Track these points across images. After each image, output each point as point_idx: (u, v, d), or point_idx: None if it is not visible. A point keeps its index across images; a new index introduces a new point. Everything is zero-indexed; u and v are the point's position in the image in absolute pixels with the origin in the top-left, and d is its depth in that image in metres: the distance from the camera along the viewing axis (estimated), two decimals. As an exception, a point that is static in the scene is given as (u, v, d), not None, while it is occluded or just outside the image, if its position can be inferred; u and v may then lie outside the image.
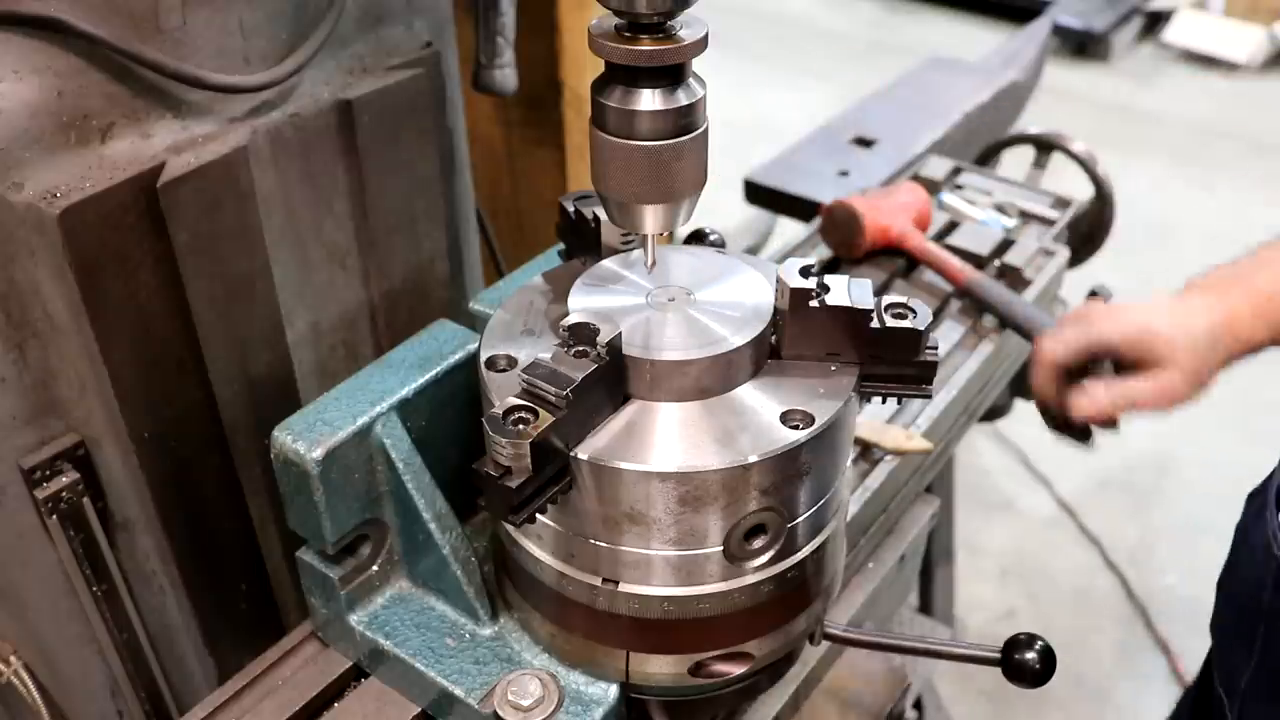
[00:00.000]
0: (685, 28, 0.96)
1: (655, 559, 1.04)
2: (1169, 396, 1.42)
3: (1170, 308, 1.45)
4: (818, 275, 1.07)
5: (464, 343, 1.23)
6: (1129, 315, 1.45)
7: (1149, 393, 1.42)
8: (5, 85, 1.16)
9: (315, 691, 1.23)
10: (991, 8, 7.00)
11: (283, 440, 1.11)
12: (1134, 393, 1.43)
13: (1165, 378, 1.41)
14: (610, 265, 1.16)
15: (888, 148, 2.36)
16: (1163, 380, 1.41)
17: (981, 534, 3.59)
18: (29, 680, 1.49)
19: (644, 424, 1.02)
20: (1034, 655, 1.16)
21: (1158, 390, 1.42)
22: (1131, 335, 1.43)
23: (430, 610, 1.22)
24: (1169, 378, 1.41)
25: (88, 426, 1.36)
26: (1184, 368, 1.40)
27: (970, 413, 1.82)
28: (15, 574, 1.42)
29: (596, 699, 1.14)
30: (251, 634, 1.51)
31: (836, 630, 1.25)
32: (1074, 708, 3.06)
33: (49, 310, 1.26)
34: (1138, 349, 1.43)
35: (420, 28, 1.61)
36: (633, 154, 0.99)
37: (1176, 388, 1.41)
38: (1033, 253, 1.93)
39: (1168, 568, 3.49)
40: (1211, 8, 6.80)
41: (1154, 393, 1.42)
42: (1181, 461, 3.83)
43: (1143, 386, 1.42)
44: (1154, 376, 1.42)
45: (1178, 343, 1.40)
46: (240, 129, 1.37)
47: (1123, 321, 1.45)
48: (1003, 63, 2.83)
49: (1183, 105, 6.16)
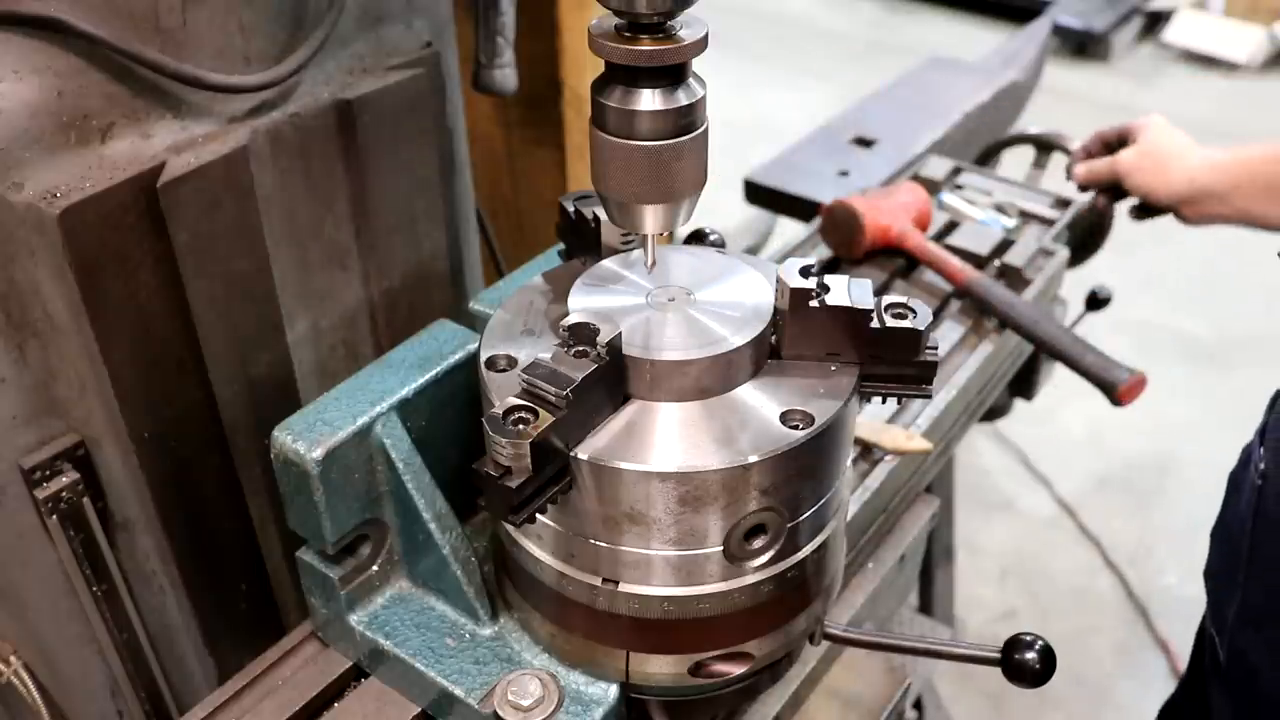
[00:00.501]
0: (685, 28, 0.96)
1: (655, 559, 1.04)
2: (1118, 162, 1.92)
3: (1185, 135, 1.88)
4: (818, 275, 1.07)
5: (464, 343, 1.23)
6: (1155, 116, 1.95)
7: (1108, 161, 1.95)
8: (5, 85, 1.16)
9: (315, 691, 1.23)
10: (991, 8, 7.00)
11: (283, 440, 1.11)
12: (1099, 161, 1.99)
13: (1124, 153, 1.92)
14: (610, 265, 1.16)
15: (888, 148, 2.37)
16: (1121, 154, 1.93)
17: (981, 534, 3.59)
18: (29, 680, 1.49)
19: (644, 424, 1.02)
20: (1034, 655, 1.16)
21: (1113, 159, 1.94)
22: (1138, 121, 1.93)
23: (430, 610, 1.22)
24: (1126, 153, 1.92)
25: (88, 426, 1.36)
26: (1141, 148, 1.89)
27: (970, 413, 1.82)
28: (15, 574, 1.42)
29: (596, 699, 1.14)
30: (251, 634, 1.51)
31: (836, 630, 1.25)
32: (1074, 708, 3.06)
33: (49, 310, 1.26)
34: (1134, 129, 1.93)
35: (420, 28, 1.61)
36: (633, 154, 0.99)
37: (1126, 158, 1.91)
38: (1033, 253, 1.93)
39: (1168, 568, 3.49)
40: (1211, 8, 6.80)
41: (1110, 161, 1.94)
42: (1181, 461, 3.83)
43: (1107, 159, 1.97)
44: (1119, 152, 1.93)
45: (1151, 133, 1.88)
46: (240, 129, 1.37)
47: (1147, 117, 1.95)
48: (1003, 63, 2.83)
49: (1183, 105, 6.15)
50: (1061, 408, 3.83)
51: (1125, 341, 4.00)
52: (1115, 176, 1.94)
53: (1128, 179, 1.91)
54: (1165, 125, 1.89)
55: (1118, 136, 1.97)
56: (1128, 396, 1.69)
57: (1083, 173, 2.01)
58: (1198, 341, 4.39)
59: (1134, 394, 1.70)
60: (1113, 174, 1.93)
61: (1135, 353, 3.71)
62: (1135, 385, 1.69)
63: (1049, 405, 3.01)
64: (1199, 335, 4.42)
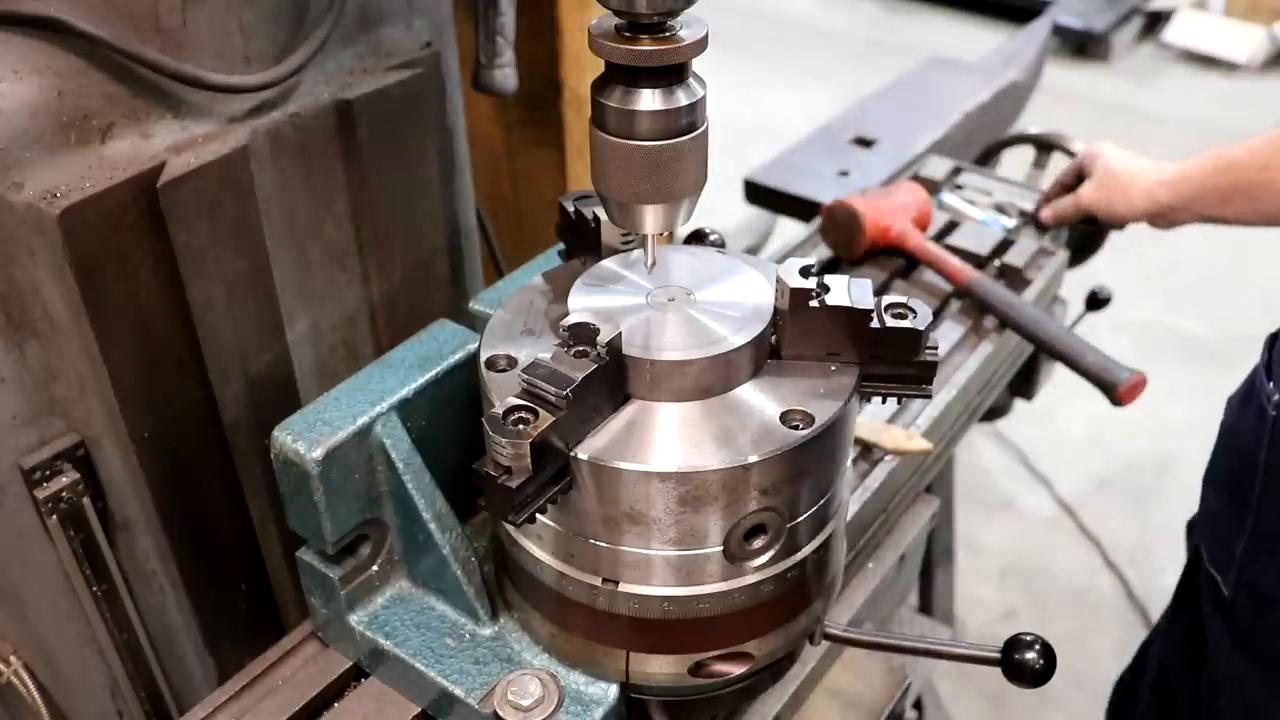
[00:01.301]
0: (685, 28, 0.96)
1: (655, 559, 1.04)
2: (1079, 198, 1.95)
3: (1135, 155, 1.93)
4: (818, 275, 1.07)
5: (464, 343, 1.23)
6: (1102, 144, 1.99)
7: (1070, 199, 1.99)
8: (5, 85, 1.16)
9: (315, 691, 1.23)
10: (991, 8, 7.00)
11: (283, 440, 1.11)
12: (1063, 200, 2.01)
13: (1083, 187, 1.95)
14: (610, 265, 1.16)
15: (888, 148, 2.37)
16: (1081, 189, 1.95)
17: (981, 534, 3.59)
18: (29, 680, 1.49)
19: (644, 424, 1.02)
20: (1034, 655, 1.16)
21: (1074, 196, 1.97)
22: (1088, 152, 1.98)
23: (430, 610, 1.22)
24: (1085, 186, 1.94)
25: (88, 426, 1.36)
26: (1097, 179, 1.92)
27: (970, 413, 1.82)
28: (15, 574, 1.42)
29: (596, 699, 1.14)
30: (251, 634, 1.51)
31: (836, 630, 1.25)
32: (1074, 708, 3.06)
33: (49, 310, 1.26)
34: (1086, 163, 1.97)
35: (420, 28, 1.61)
36: (633, 154, 0.99)
37: (1085, 191, 1.94)
38: (1033, 253, 1.93)
39: (1168, 568, 3.48)
40: (1211, 8, 6.80)
41: (1072, 199, 1.98)
42: (1181, 461, 3.83)
43: (1069, 196, 2.00)
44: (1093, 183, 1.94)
45: (1103, 161, 1.92)
46: (240, 129, 1.37)
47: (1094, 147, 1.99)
48: (1003, 63, 2.83)
49: (1183, 105, 6.16)
50: (1061, 408, 3.83)
51: (1125, 341, 4.00)
52: (1081, 211, 1.97)
53: (1094, 210, 1.94)
54: (1114, 150, 1.93)
55: (1074, 174, 2.01)
56: (1128, 396, 1.69)
57: (1050, 215, 2.04)
58: (1198, 341, 4.39)
59: (1134, 394, 1.70)
60: (1078, 209, 1.97)
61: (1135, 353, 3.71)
62: (1135, 385, 1.69)
63: (1049, 405, 3.01)
64: (1199, 335, 4.42)
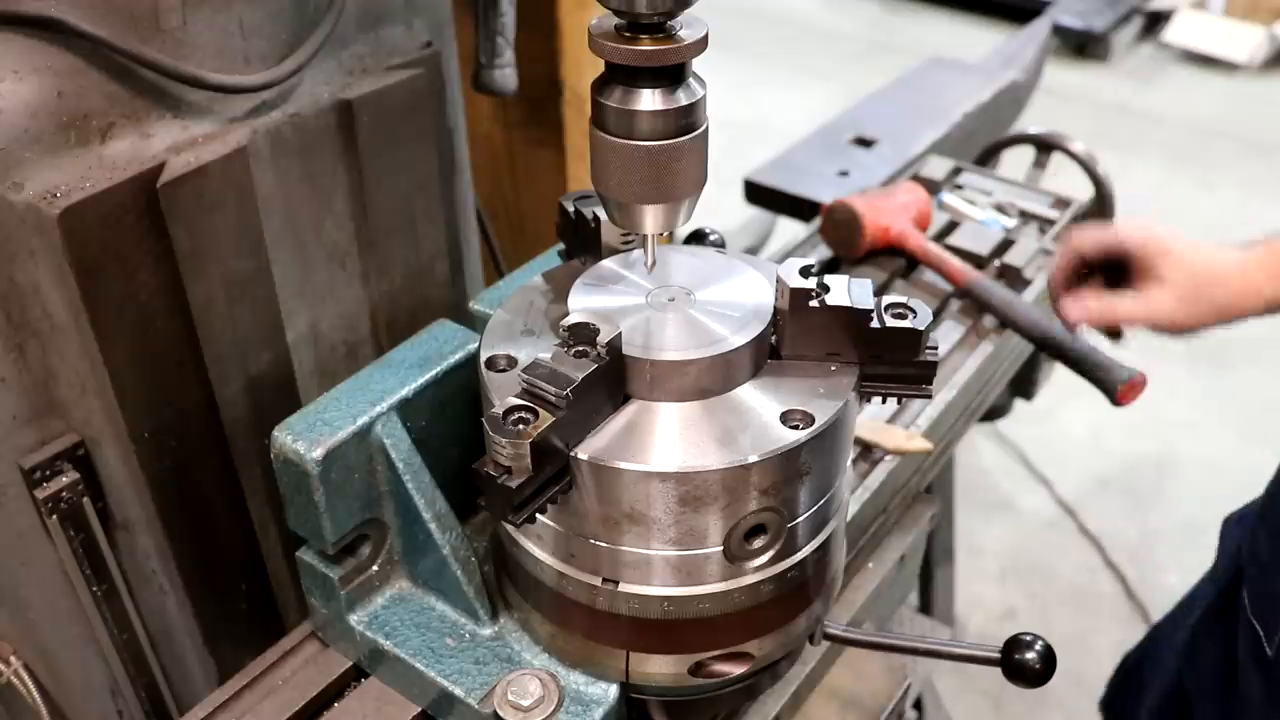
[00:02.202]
0: (685, 28, 0.96)
1: (655, 559, 1.04)
2: (1153, 315, 1.46)
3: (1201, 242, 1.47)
4: (818, 275, 1.07)
5: (464, 343, 1.23)
6: (1155, 227, 1.48)
7: (1133, 309, 1.47)
8: (5, 85, 1.16)
9: (315, 691, 1.23)
10: (991, 8, 6.99)
11: (283, 440, 1.11)
12: (1118, 306, 1.48)
13: (1155, 296, 1.45)
14: (610, 265, 1.16)
15: (888, 148, 2.37)
16: (1151, 299, 1.45)
17: (981, 534, 3.59)
18: (29, 680, 1.49)
19: (644, 424, 1.02)
20: (1034, 655, 1.16)
21: (1143, 307, 1.46)
22: (1147, 242, 1.46)
23: (430, 610, 1.22)
24: (1158, 297, 1.44)
25: (88, 426, 1.36)
26: (1178, 291, 1.43)
27: (970, 413, 1.82)
28: (15, 574, 1.42)
29: (596, 699, 1.14)
30: (251, 634, 1.51)
31: (836, 630, 1.25)
32: (1074, 708, 3.06)
33: (49, 310, 1.26)
34: (1146, 257, 1.46)
35: (420, 28, 1.61)
36: (633, 154, 0.99)
37: (1163, 307, 1.44)
38: (1033, 253, 1.93)
39: (1168, 568, 3.48)
40: (1211, 8, 6.79)
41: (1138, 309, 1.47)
42: (1181, 461, 3.83)
43: (1128, 303, 1.47)
44: (1144, 294, 1.46)
45: (1182, 263, 1.43)
46: (240, 129, 1.37)
47: (1145, 229, 1.48)
48: (1003, 63, 2.83)
49: (1183, 105, 6.15)
50: (1061, 408, 3.83)
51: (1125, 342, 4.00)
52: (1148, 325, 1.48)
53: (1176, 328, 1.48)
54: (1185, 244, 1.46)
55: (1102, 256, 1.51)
56: (1128, 397, 1.69)
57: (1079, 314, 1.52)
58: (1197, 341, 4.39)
59: (1134, 394, 1.70)
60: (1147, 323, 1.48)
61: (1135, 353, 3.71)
62: (1135, 385, 1.69)
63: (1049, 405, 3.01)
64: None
